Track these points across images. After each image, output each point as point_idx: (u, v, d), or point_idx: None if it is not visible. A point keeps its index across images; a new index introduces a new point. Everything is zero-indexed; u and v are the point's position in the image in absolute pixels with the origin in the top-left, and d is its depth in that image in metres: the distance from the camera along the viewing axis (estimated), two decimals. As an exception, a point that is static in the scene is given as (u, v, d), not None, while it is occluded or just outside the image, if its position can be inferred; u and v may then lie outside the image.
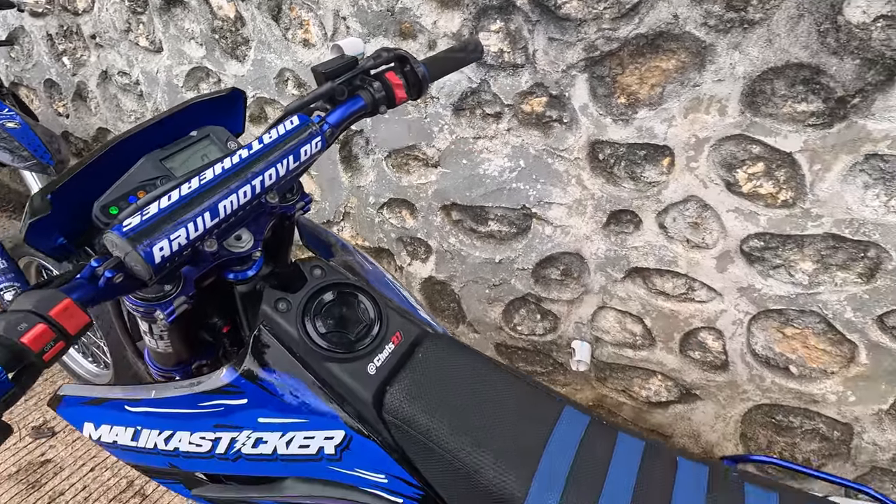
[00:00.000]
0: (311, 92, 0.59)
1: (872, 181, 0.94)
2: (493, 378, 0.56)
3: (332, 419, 0.53)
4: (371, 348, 0.55)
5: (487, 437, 0.50)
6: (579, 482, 0.48)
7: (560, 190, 1.23)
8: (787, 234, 1.04)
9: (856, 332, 1.07)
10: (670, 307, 1.25)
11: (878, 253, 0.99)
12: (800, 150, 0.96)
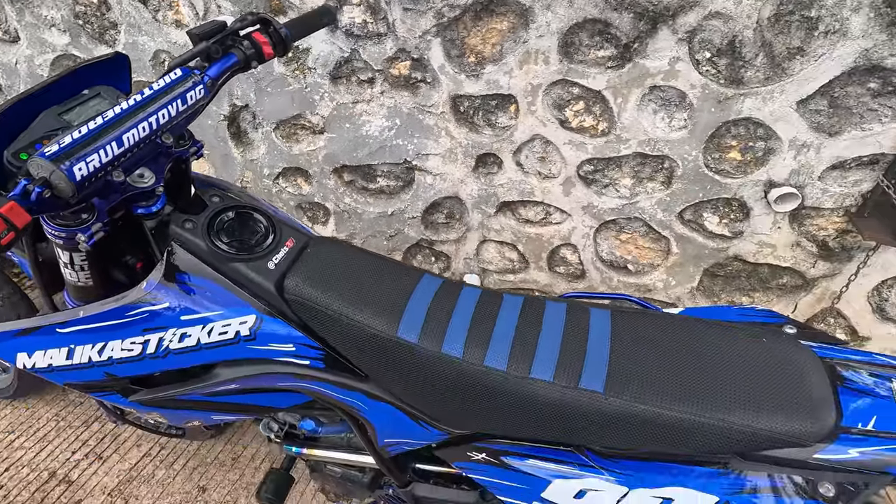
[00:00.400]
0: (188, 51, 0.71)
1: (658, 107, 1.23)
2: (367, 260, 0.73)
3: (244, 307, 0.67)
4: (269, 250, 0.70)
5: (365, 299, 0.67)
6: (431, 322, 0.66)
7: (433, 142, 1.42)
8: (608, 157, 1.32)
9: (666, 228, 1.39)
10: (535, 231, 1.51)
11: (670, 164, 1.30)
12: (605, 87, 1.22)
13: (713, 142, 1.24)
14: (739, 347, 0.61)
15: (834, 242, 1.30)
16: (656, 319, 0.67)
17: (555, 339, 0.64)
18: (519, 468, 0.67)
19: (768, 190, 1.25)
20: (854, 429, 0.53)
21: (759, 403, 0.55)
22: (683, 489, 0.57)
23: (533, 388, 0.61)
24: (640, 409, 0.57)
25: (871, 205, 1.19)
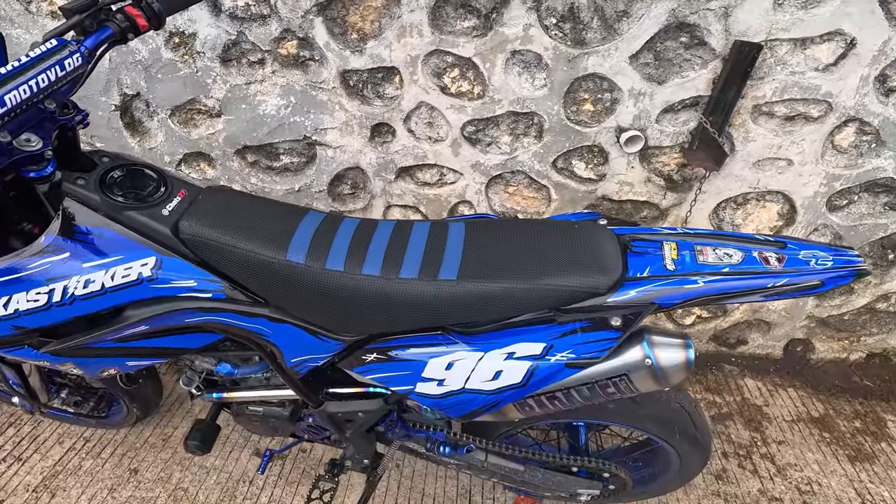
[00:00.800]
0: (62, 24, 0.77)
1: (521, 70, 1.41)
2: (257, 201, 0.84)
3: (143, 250, 0.75)
4: (161, 199, 0.78)
5: (255, 232, 0.78)
6: (316, 245, 0.78)
7: (329, 116, 1.52)
8: (486, 117, 1.49)
9: (544, 178, 1.59)
10: (433, 193, 1.66)
11: (539, 119, 1.49)
12: (474, 54, 1.39)
13: (570, 96, 1.44)
14: (559, 233, 0.78)
15: (676, 175, 1.55)
16: (501, 224, 0.83)
17: (419, 248, 0.78)
18: (403, 358, 0.80)
19: (619, 135, 1.47)
20: (632, 278, 0.72)
21: (567, 269, 0.72)
22: (521, 343, 0.74)
23: (403, 286, 0.75)
24: (484, 286, 0.73)
25: (697, 139, 1.44)
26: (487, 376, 0.75)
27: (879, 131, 1.42)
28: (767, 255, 0.71)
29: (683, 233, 0.77)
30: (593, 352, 0.70)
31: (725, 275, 0.69)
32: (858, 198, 1.55)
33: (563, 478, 1.11)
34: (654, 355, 0.71)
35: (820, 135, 1.44)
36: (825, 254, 0.70)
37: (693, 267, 0.71)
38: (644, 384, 0.73)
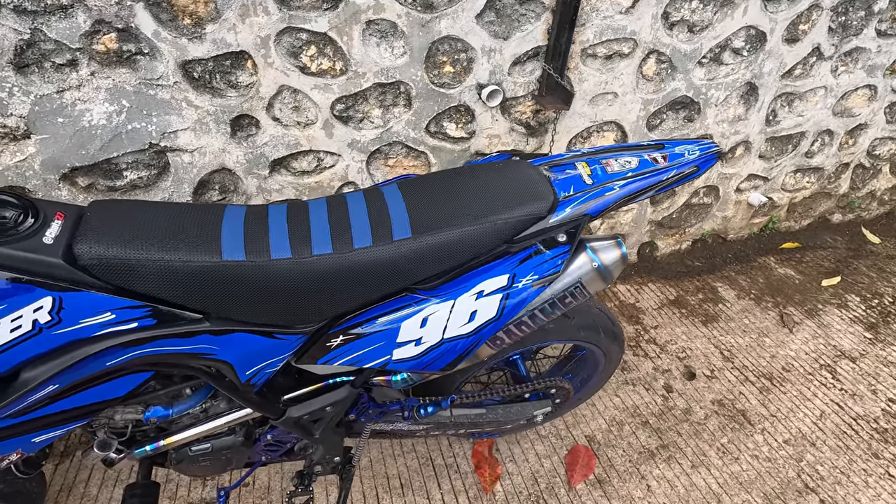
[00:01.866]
0: None
1: (379, 40, 1.41)
2: (159, 208, 0.73)
3: (31, 292, 0.60)
4: (36, 227, 0.63)
5: (175, 239, 0.68)
6: (251, 238, 0.71)
7: (177, 117, 1.34)
8: (354, 93, 1.46)
9: (421, 144, 1.63)
10: (314, 180, 1.58)
11: (405, 88, 1.51)
12: (329, 29, 1.34)
13: (430, 61, 1.49)
14: (488, 175, 0.83)
15: (533, 121, 1.72)
16: (431, 178, 0.85)
17: (362, 216, 0.76)
18: (373, 331, 0.79)
19: (480, 91, 1.57)
20: (563, 197, 0.81)
21: (509, 203, 0.78)
22: (487, 281, 0.78)
23: (360, 256, 0.72)
24: (441, 236, 0.75)
25: (544, 85, 1.62)
26: (463, 320, 0.78)
27: (671, 59, 1.75)
28: (654, 155, 0.85)
29: (586, 152, 0.89)
30: (552, 268, 0.78)
31: (631, 178, 0.82)
32: (666, 116, 1.91)
33: (519, 406, 1.21)
34: (598, 258, 0.82)
35: (632, 68, 1.72)
36: (692, 146, 0.88)
37: (606, 177, 0.83)
38: (594, 285, 0.83)
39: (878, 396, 1.71)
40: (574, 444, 1.51)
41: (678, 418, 1.60)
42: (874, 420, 1.63)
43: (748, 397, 1.69)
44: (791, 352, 1.87)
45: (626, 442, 1.53)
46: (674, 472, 1.45)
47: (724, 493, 1.41)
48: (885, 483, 1.44)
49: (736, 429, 1.58)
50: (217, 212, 0.75)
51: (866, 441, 1.56)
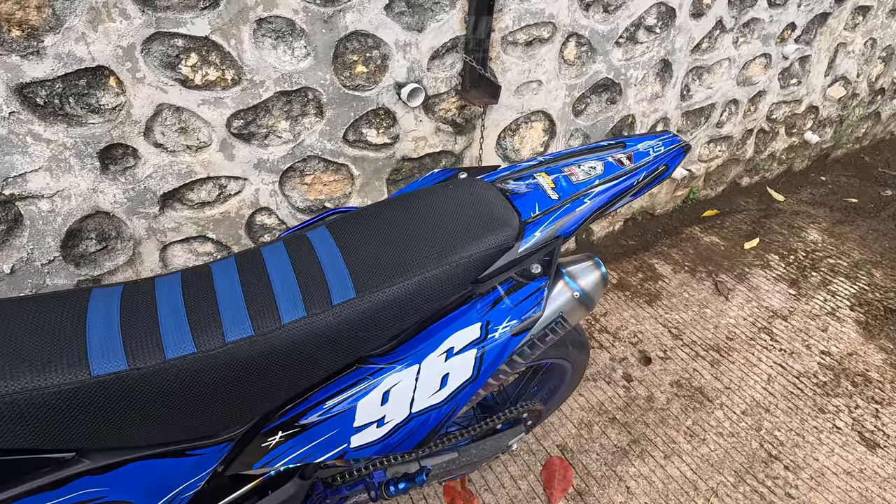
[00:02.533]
0: None
1: (274, 41, 1.20)
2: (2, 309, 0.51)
3: None
4: None
5: (22, 357, 0.47)
6: (133, 335, 0.52)
7: (21, 156, 1.05)
8: (253, 105, 1.24)
9: (340, 156, 1.44)
10: (218, 212, 1.34)
11: (314, 94, 1.31)
12: (210, 31, 1.11)
13: (339, 61, 1.30)
14: (439, 202, 0.68)
15: (459, 119, 1.59)
16: (368, 211, 0.69)
17: (287, 278, 0.59)
18: (321, 419, 0.62)
19: (399, 91, 1.41)
20: (530, 219, 0.68)
21: (469, 235, 0.64)
22: (455, 334, 0.64)
23: (292, 333, 0.55)
24: (394, 289, 0.59)
25: (467, 78, 1.49)
26: (433, 387, 0.63)
27: (590, 41, 1.69)
28: (618, 156, 0.75)
29: (543, 161, 0.77)
30: (531, 308, 0.65)
31: (599, 186, 0.71)
32: (590, 100, 1.86)
33: (493, 440, 1.09)
34: (578, 285, 0.71)
35: (553, 53, 1.64)
36: (653, 141, 0.79)
37: (572, 188, 0.71)
38: (576, 316, 0.72)
39: (812, 351, 1.80)
40: (547, 457, 1.43)
41: (643, 408, 1.58)
42: (813, 375, 1.71)
43: (702, 373, 1.70)
44: (731, 319, 1.93)
45: (598, 444, 1.47)
46: (648, 466, 1.42)
47: (699, 478, 1.39)
48: (835, 437, 1.51)
49: (697, 408, 1.58)
50: (78, 302, 0.54)
51: (811, 398, 1.63)
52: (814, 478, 1.40)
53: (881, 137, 3.36)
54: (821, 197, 2.76)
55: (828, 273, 2.18)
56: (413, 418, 0.64)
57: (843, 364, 1.75)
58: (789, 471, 1.41)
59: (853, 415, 1.58)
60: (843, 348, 1.81)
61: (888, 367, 1.74)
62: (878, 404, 1.61)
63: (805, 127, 2.77)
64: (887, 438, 1.51)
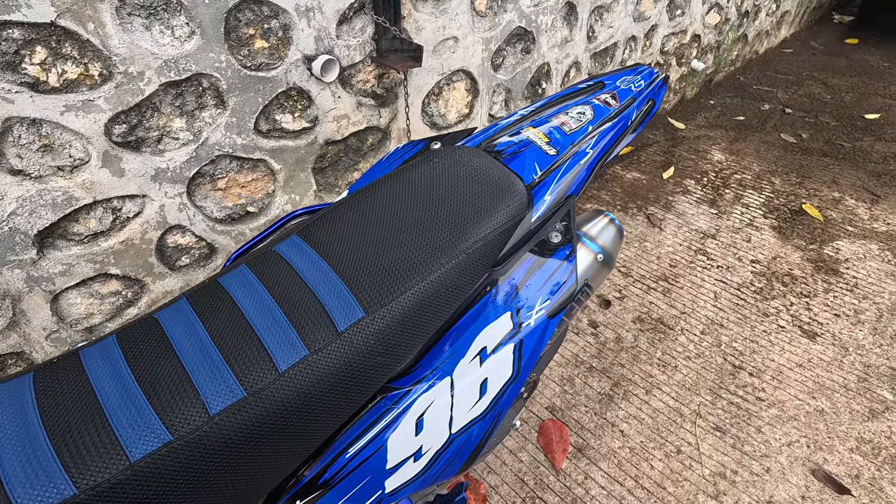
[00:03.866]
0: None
1: (146, 19, 0.97)
2: None
3: None
4: None
5: None
6: (68, 443, 0.36)
7: None
8: (134, 104, 1.00)
9: (254, 150, 1.24)
10: (118, 241, 1.10)
11: (210, 81, 1.09)
12: (57, 15, 0.86)
13: (232, 37, 1.09)
14: (427, 182, 0.57)
15: (380, 89, 1.44)
16: (345, 210, 0.55)
17: (272, 313, 0.45)
18: (346, 472, 0.49)
19: (309, 65, 1.23)
20: (534, 182, 0.59)
21: (477, 214, 0.53)
22: (483, 332, 0.54)
23: (287, 383, 0.42)
24: (409, 297, 0.47)
25: (381, 42, 1.34)
26: (473, 398, 0.53)
27: (499, -12, 1.60)
28: (604, 98, 0.68)
29: (526, 114, 0.67)
30: (563, 282, 0.57)
31: (595, 133, 0.64)
32: (507, 52, 1.78)
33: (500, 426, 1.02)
34: (598, 245, 0.63)
35: (465, 6, 1.53)
36: (632, 76, 0.72)
37: (568, 140, 0.63)
38: (599, 279, 0.65)
39: (744, 262, 1.94)
40: (540, 422, 1.40)
41: (614, 350, 1.60)
42: (750, 284, 1.84)
43: (658, 304, 1.76)
44: (669, 248, 2.01)
45: (584, 396, 1.47)
46: (634, 405, 1.44)
47: (681, 404, 1.44)
48: (782, 335, 1.64)
49: (662, 338, 1.64)
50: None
51: (754, 305, 1.75)
52: (775, 377, 1.51)
53: (749, 58, 3.68)
54: (714, 119, 2.97)
55: (738, 188, 2.35)
56: (454, 439, 0.54)
57: (771, 268, 1.90)
58: (754, 377, 1.51)
59: (791, 312, 1.72)
60: (768, 254, 1.97)
61: (806, 263, 1.92)
62: (807, 298, 1.77)
63: (691, 56, 2.93)
64: (822, 326, 1.67)
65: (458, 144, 0.64)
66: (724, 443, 1.35)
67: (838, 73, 3.53)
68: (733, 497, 1.23)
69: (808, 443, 1.34)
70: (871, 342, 1.61)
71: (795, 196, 2.29)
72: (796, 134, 2.79)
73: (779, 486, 1.25)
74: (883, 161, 2.53)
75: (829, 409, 1.42)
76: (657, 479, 1.27)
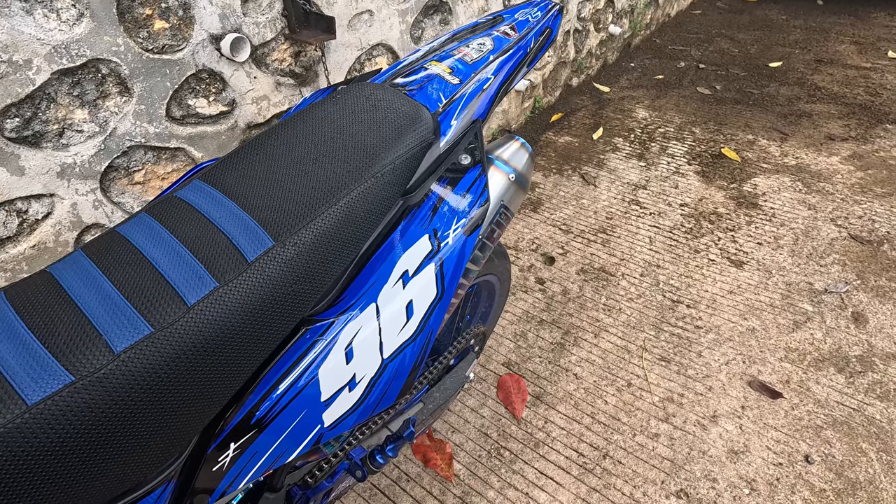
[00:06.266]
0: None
1: (26, 3, 0.90)
2: None
3: None
4: None
5: None
6: None
7: None
8: (25, 95, 0.94)
9: (170, 138, 1.19)
10: (29, 245, 1.03)
11: (109, 66, 1.04)
12: (-81, -1, 0.79)
13: (128, 19, 1.04)
14: (333, 116, 0.57)
15: (298, 67, 1.41)
16: (249, 150, 0.54)
17: (176, 250, 0.44)
18: (278, 408, 0.49)
19: (218, 45, 1.19)
20: (440, 109, 0.60)
21: (384, 142, 0.54)
22: (404, 256, 0.55)
23: (199, 316, 0.41)
24: (317, 225, 0.47)
25: (293, 18, 1.31)
26: (400, 321, 0.54)
27: (408, -41, 1.60)
28: (503, 29, 0.70)
29: (428, 50, 0.68)
30: (476, 199, 0.58)
31: (496, 60, 0.65)
32: (425, 24, 1.79)
33: (452, 377, 1.04)
34: (511, 166, 0.65)
35: (375, -23, 1.52)
36: (529, 9, 0.74)
37: (470, 69, 0.64)
38: (516, 201, 0.67)
39: (673, 206, 2.04)
40: (498, 378, 1.44)
41: (562, 302, 1.66)
42: (681, 226, 1.94)
43: (599, 255, 1.83)
44: (605, 202, 2.10)
45: (537, 348, 1.52)
46: (585, 349, 1.50)
47: (628, 342, 1.51)
48: (713, 267, 1.75)
49: (605, 285, 1.71)
50: None
51: (686, 244, 1.86)
52: (710, 306, 1.61)
53: (663, 21, 3.85)
54: (636, 80, 3.10)
55: (662, 140, 2.47)
56: (388, 365, 0.55)
57: (699, 209, 2.02)
58: (691, 308, 1.61)
59: (719, 246, 1.83)
60: (694, 196, 2.09)
61: (729, 200, 2.05)
62: (732, 231, 1.89)
63: (608, 21, 3.04)
64: (747, 255, 1.79)
65: (368, 81, 0.64)
66: (670, 370, 1.43)
67: (743, 28, 3.76)
68: (682, 417, 1.31)
69: (743, 359, 1.44)
70: (790, 263, 1.74)
71: (714, 142, 2.43)
72: (711, 86, 2.96)
73: (721, 401, 1.34)
74: (788, 103, 2.73)
75: (759, 327, 1.53)
76: (612, 413, 1.33)
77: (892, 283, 1.64)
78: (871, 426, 1.26)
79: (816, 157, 2.28)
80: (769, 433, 1.26)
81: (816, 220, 1.91)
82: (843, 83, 2.89)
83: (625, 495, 1.16)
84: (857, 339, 1.47)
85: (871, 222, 1.88)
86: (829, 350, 1.45)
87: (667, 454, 1.24)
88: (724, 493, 1.15)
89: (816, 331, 1.50)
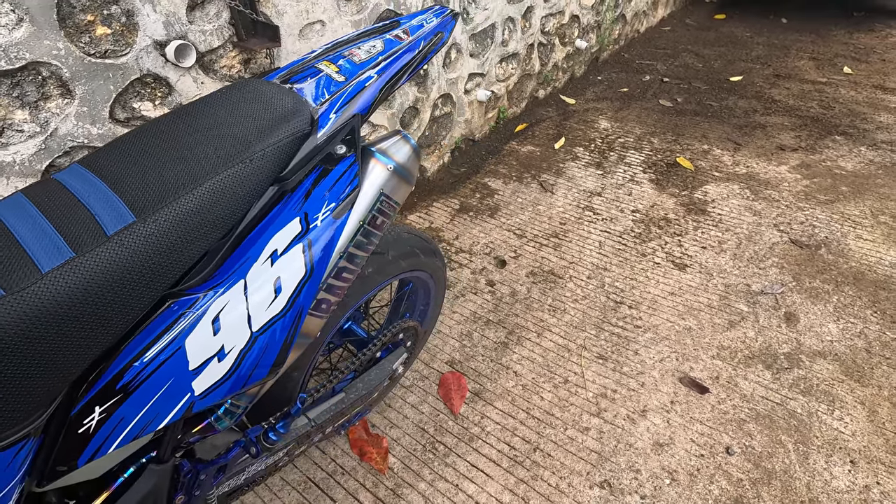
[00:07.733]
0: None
1: (-36, 7, 0.95)
2: None
3: None
4: None
5: None
6: None
7: None
8: (-37, 94, 0.98)
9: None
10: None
11: (50, 69, 1.08)
12: None
13: (69, 24, 1.09)
14: (212, 108, 0.61)
15: (248, 73, 1.46)
16: (129, 137, 0.59)
17: (39, 224, 0.48)
18: (144, 375, 0.53)
19: (163, 51, 1.24)
20: (321, 104, 0.65)
21: (259, 129, 0.59)
22: (274, 237, 0.59)
23: (52, 283, 0.45)
24: (181, 203, 0.52)
25: (240, 27, 1.37)
26: (269, 296, 0.58)
27: (360, -28, 1.67)
28: (396, 33, 0.75)
29: (323, 51, 0.73)
30: (346, 186, 0.63)
31: (384, 61, 0.71)
32: (380, 35, 1.85)
33: (377, 369, 1.07)
34: (391, 159, 0.70)
35: (327, -10, 1.59)
36: (426, 14, 0.80)
37: (357, 68, 0.69)
38: (399, 192, 0.72)
39: (625, 212, 2.11)
40: (440, 376, 1.47)
41: (509, 303, 1.70)
42: (631, 231, 2.00)
43: (549, 258, 1.89)
44: (560, 209, 2.15)
45: (481, 347, 1.55)
46: (527, 348, 1.54)
47: (569, 341, 1.56)
48: (658, 271, 1.80)
49: (553, 287, 1.76)
50: None
51: (634, 248, 1.91)
52: (651, 307, 1.66)
53: (632, 36, 3.97)
54: (601, 93, 3.19)
55: (621, 150, 2.55)
56: (258, 337, 0.58)
57: (649, 215, 2.08)
58: (632, 308, 1.66)
59: (665, 250, 1.89)
60: (646, 203, 2.15)
61: (679, 207, 2.12)
62: (679, 236, 1.96)
63: (574, 36, 3.14)
64: (691, 258, 1.85)
65: (259, 78, 0.69)
66: (606, 368, 1.47)
67: (709, 44, 3.88)
68: (613, 412, 1.35)
69: (676, 357, 1.49)
70: (731, 266, 1.80)
71: (671, 151, 2.51)
72: (672, 99, 3.06)
73: (651, 396, 1.38)
74: (744, 115, 2.83)
75: (696, 326, 1.58)
76: (546, 408, 1.37)
77: (825, 284, 1.70)
78: (791, 419, 1.30)
79: (766, 166, 2.36)
80: (694, 426, 1.30)
81: (760, 226, 1.98)
82: (799, 97, 2.99)
83: (550, 486, 1.20)
84: (787, 338, 1.52)
85: (812, 227, 1.95)
86: (760, 348, 1.50)
87: (595, 447, 1.27)
88: (645, 484, 1.19)
89: (749, 330, 1.56)
